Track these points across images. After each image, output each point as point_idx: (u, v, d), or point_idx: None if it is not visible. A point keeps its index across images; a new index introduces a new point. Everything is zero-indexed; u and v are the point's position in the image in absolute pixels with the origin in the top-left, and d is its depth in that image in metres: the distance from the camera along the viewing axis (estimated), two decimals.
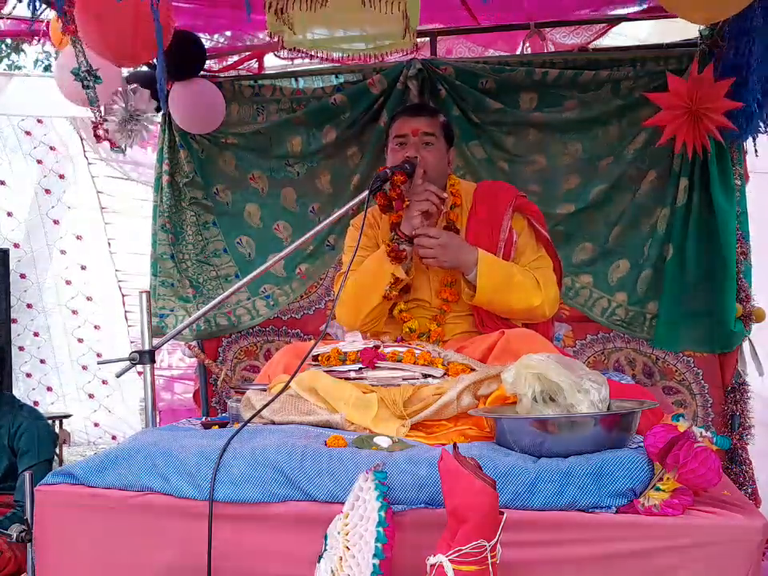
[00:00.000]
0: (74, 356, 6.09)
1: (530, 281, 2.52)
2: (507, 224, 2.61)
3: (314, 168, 3.60)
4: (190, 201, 3.64)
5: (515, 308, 2.52)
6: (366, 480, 1.62)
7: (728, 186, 3.08)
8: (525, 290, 2.50)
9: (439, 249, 2.46)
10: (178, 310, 3.63)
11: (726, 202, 3.06)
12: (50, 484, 1.91)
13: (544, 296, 2.52)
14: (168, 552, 1.79)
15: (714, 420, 3.30)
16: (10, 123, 5.49)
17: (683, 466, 1.55)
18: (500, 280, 2.47)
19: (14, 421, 3.32)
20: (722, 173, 3.07)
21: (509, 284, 2.48)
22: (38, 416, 3.45)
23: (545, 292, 2.53)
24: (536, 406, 1.79)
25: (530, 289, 2.51)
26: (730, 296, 3.06)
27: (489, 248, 2.55)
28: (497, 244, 2.59)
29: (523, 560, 1.60)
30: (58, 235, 5.86)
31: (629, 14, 3.41)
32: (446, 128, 2.72)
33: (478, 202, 2.68)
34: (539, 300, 2.51)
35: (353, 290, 2.58)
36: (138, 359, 2.13)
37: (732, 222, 3.07)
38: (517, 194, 2.68)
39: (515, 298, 2.50)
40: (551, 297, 2.55)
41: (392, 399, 2.10)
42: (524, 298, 2.50)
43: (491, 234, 2.61)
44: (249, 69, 3.71)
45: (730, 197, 3.07)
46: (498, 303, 2.51)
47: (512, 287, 2.48)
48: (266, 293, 3.63)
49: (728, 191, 3.07)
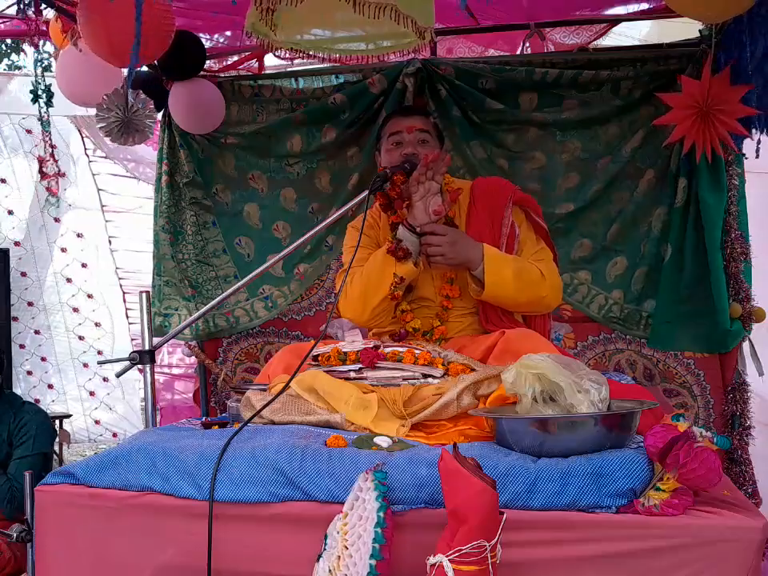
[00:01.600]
0: (75, 354, 6.09)
1: (535, 273, 2.52)
2: (509, 218, 2.62)
3: (314, 168, 3.59)
4: (190, 201, 3.64)
5: (522, 301, 2.53)
6: (366, 480, 1.62)
7: (718, 185, 3.07)
8: (531, 283, 2.51)
9: (447, 246, 2.45)
10: (182, 309, 3.63)
11: (715, 200, 3.06)
12: (50, 484, 1.91)
13: (549, 287, 2.54)
14: (168, 552, 1.79)
15: (714, 421, 3.30)
16: (10, 122, 5.50)
17: (683, 465, 1.55)
18: (506, 274, 2.47)
19: (15, 417, 3.33)
20: (714, 171, 3.07)
21: (515, 278, 2.47)
22: (39, 411, 3.46)
23: (549, 283, 2.54)
24: (536, 405, 1.79)
25: (535, 281, 2.52)
26: (720, 295, 3.06)
27: (491, 243, 2.55)
28: (499, 239, 2.60)
29: (523, 560, 1.60)
30: (58, 233, 5.86)
31: (629, 13, 3.41)
32: (437, 128, 2.78)
33: (476, 198, 2.69)
34: (545, 291, 2.53)
35: (359, 285, 2.57)
36: (138, 359, 2.14)
37: (718, 219, 3.07)
38: (514, 189, 2.70)
39: (522, 290, 2.50)
40: (556, 287, 2.58)
41: (392, 399, 2.10)
42: (531, 291, 2.51)
43: (492, 229, 2.62)
44: (249, 69, 3.71)
45: (719, 195, 3.07)
46: (505, 297, 2.51)
47: (518, 280, 2.48)
48: (264, 294, 3.63)
49: (717, 190, 3.07)
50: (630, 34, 3.72)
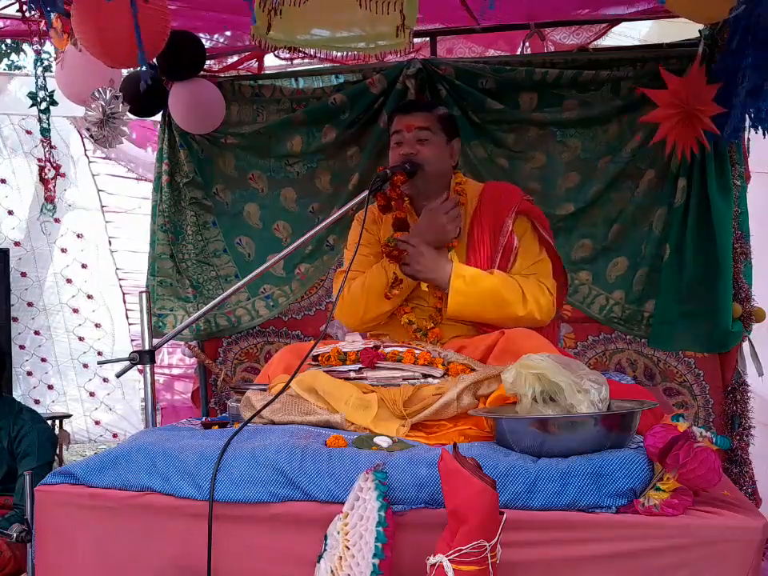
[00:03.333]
0: (75, 354, 6.08)
1: (512, 293, 2.46)
2: (508, 228, 2.58)
3: (314, 168, 3.59)
4: (190, 201, 3.64)
5: (494, 321, 2.48)
6: (366, 480, 1.62)
7: (726, 187, 3.08)
8: (503, 304, 2.45)
9: (415, 255, 2.49)
10: (177, 309, 3.63)
11: (724, 202, 3.06)
12: (50, 484, 1.91)
13: (532, 305, 2.46)
14: (168, 552, 1.79)
15: (714, 421, 3.30)
16: (10, 122, 5.50)
17: (683, 465, 1.55)
18: (475, 296, 2.45)
19: (14, 424, 3.31)
20: (721, 173, 3.07)
21: (486, 299, 2.44)
22: (38, 419, 3.44)
23: (532, 301, 2.47)
24: (536, 405, 1.79)
25: (510, 301, 2.45)
26: (726, 297, 3.06)
27: (489, 251, 2.55)
28: (497, 248, 2.58)
29: (523, 560, 1.60)
30: (58, 233, 5.86)
31: (629, 13, 3.41)
32: (444, 121, 2.66)
33: (483, 203, 2.65)
34: (523, 311, 2.45)
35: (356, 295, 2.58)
36: (138, 359, 2.14)
37: (729, 222, 3.07)
38: (522, 198, 2.64)
39: (492, 311, 2.46)
40: (542, 304, 2.49)
41: (392, 399, 2.10)
42: (503, 311, 2.45)
43: (493, 237, 2.60)
44: (249, 69, 3.71)
45: (727, 197, 3.07)
46: (473, 317, 2.50)
47: (490, 301, 2.44)
48: (265, 293, 3.63)
49: (726, 192, 3.07)
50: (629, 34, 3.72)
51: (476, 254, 2.59)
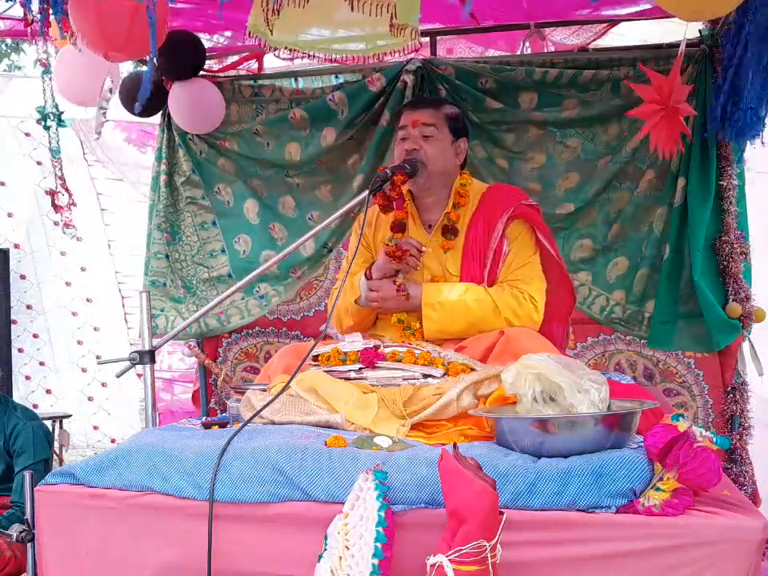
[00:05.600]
0: (74, 358, 6.08)
1: (484, 311, 2.49)
2: (499, 232, 2.59)
3: (314, 168, 3.58)
4: (187, 201, 3.64)
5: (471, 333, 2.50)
6: (366, 480, 1.62)
7: (706, 186, 3.07)
8: (477, 321, 2.49)
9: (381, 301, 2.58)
10: (169, 310, 3.62)
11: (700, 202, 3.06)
12: (50, 484, 1.92)
13: (508, 316, 2.49)
14: (168, 552, 1.79)
15: (714, 420, 3.30)
16: (9, 125, 5.50)
17: (683, 465, 1.55)
18: (447, 318, 2.51)
19: (7, 422, 3.31)
20: (704, 172, 3.07)
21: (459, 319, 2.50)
22: (32, 416, 3.43)
23: (508, 312, 2.49)
24: (536, 405, 1.79)
25: (485, 319, 2.49)
26: (705, 294, 3.06)
27: (481, 255, 2.57)
28: (488, 252, 2.59)
29: (523, 560, 1.60)
30: (57, 236, 5.85)
31: (629, 13, 3.41)
32: (451, 120, 2.65)
33: (482, 206, 2.66)
34: (501, 324, 2.47)
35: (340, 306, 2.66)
36: (137, 359, 2.14)
37: (703, 220, 3.07)
38: (518, 202, 2.63)
39: (467, 329, 2.50)
40: (520, 314, 2.50)
41: (392, 399, 2.10)
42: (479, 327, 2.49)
43: (485, 241, 2.61)
44: (249, 69, 3.70)
45: (705, 197, 3.07)
46: (450, 335, 2.52)
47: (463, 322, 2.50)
48: (260, 292, 3.62)
49: (704, 191, 3.07)
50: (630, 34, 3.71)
51: (471, 256, 2.61)
